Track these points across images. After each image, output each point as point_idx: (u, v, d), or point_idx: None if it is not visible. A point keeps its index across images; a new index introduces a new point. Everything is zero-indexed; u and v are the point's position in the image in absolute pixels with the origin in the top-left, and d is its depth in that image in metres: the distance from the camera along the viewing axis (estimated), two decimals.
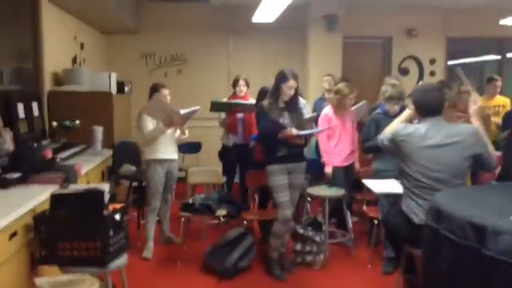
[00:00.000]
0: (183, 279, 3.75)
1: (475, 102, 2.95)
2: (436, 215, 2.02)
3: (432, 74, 7.47)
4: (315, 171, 4.62)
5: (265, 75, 3.79)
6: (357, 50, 7.39)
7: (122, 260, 2.71)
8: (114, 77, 5.18)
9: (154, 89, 4.21)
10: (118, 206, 2.76)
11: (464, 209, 1.91)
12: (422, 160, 2.68)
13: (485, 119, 4.22)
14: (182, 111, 4.00)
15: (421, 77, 7.50)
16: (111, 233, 2.58)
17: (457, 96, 4.30)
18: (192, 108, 4.05)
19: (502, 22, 6.53)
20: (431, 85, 2.99)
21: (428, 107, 2.77)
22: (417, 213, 2.62)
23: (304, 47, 7.15)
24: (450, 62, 7.61)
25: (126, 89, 5.62)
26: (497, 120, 4.88)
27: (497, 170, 3.50)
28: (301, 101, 5.16)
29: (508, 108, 5.26)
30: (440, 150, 2.65)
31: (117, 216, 2.67)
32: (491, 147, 2.71)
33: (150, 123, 4.11)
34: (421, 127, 2.77)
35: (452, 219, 1.89)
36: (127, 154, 4.75)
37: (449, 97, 4.61)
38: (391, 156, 3.46)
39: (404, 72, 7.49)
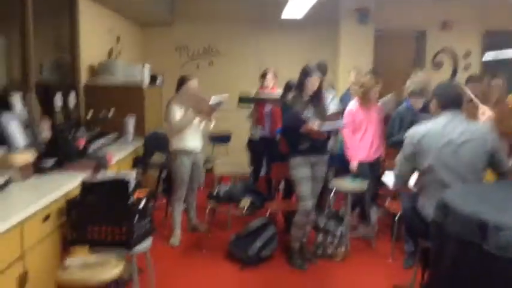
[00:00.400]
0: (207, 266, 3.91)
1: (484, 113, 2.97)
2: (443, 210, 2.06)
3: (466, 68, 7.29)
4: (341, 165, 4.66)
5: (296, 68, 3.87)
6: (389, 43, 7.31)
7: (146, 244, 2.88)
8: (147, 69, 5.37)
9: (182, 81, 4.34)
10: (143, 193, 2.92)
11: (468, 205, 1.94)
12: (440, 156, 2.69)
13: (506, 115, 4.16)
14: (213, 97, 4.13)
15: (455, 70, 7.34)
16: (135, 218, 2.75)
17: (488, 89, 4.24)
18: (222, 95, 4.18)
19: None
20: (453, 83, 3.04)
21: (449, 99, 2.79)
22: (429, 209, 2.65)
23: (335, 40, 7.14)
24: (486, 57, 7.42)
25: (158, 81, 5.81)
26: None
27: None
28: (330, 93, 5.23)
29: None
30: (457, 146, 2.67)
31: (142, 203, 2.84)
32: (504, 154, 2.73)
33: (178, 113, 4.25)
34: (439, 122, 2.77)
35: (456, 214, 1.93)
36: (157, 144, 4.93)
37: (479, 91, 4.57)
38: None
39: (438, 65, 7.36)
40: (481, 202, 2.02)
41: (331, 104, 4.99)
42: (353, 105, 4.52)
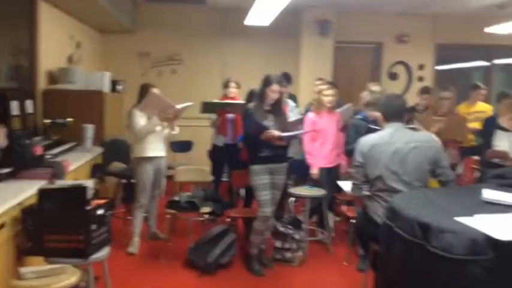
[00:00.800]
0: (165, 274, 3.90)
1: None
2: (392, 214, 2.18)
3: (420, 79, 7.63)
4: (301, 172, 4.78)
5: (258, 77, 3.96)
6: (348, 55, 7.56)
7: (103, 253, 2.86)
8: (107, 76, 5.34)
9: (145, 89, 4.33)
10: (101, 201, 2.92)
11: (414, 209, 2.07)
12: (389, 164, 2.86)
13: (459, 124, 4.40)
14: (178, 106, 4.15)
15: (409, 82, 7.66)
16: (93, 227, 2.73)
17: (437, 102, 4.48)
18: (187, 104, 4.21)
19: (487, 30, 6.69)
20: (395, 94, 3.20)
21: (393, 111, 2.99)
22: (380, 214, 2.78)
23: (297, 51, 7.31)
24: (438, 67, 7.78)
25: (119, 87, 5.77)
26: (475, 126, 5.03)
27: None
28: (291, 103, 5.35)
29: (489, 114, 5.40)
30: (404, 154, 2.85)
31: (100, 212, 2.83)
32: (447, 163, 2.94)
33: (141, 120, 4.24)
34: (385, 133, 2.98)
35: (403, 217, 2.05)
36: (117, 152, 4.90)
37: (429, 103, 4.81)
38: None
39: (393, 77, 7.65)
40: (426, 206, 2.15)
41: (292, 113, 5.12)
42: (312, 114, 4.64)
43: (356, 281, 3.70)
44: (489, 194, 2.33)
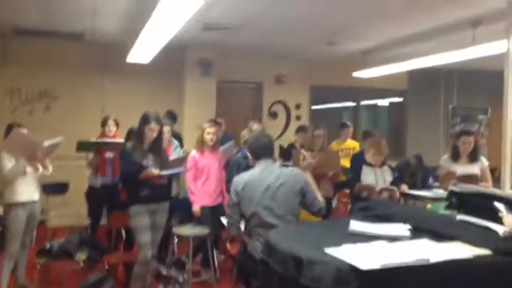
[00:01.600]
0: None
1: (304, 158, 3.38)
2: (268, 249, 2.25)
3: (298, 118, 8.12)
4: (186, 210, 4.71)
5: (140, 115, 3.88)
6: (230, 94, 7.79)
7: None
8: None
9: (10, 128, 4.04)
10: None
11: (287, 243, 2.16)
12: (262, 200, 2.97)
13: (331, 159, 4.73)
14: (46, 142, 3.88)
15: (288, 120, 8.10)
16: None
17: (311, 139, 4.78)
18: (55, 140, 3.95)
19: (355, 74, 7.42)
20: (262, 133, 3.37)
21: (260, 150, 3.16)
22: (258, 251, 2.85)
23: (181, 89, 7.35)
24: (313, 107, 8.37)
25: None
26: (345, 162, 5.45)
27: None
28: (174, 142, 5.31)
29: (357, 150, 5.93)
30: (274, 189, 2.99)
31: None
32: (318, 195, 3.13)
33: (8, 162, 3.90)
34: (255, 171, 3.12)
35: (278, 252, 2.12)
36: None
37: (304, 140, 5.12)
38: None
39: (273, 115, 8.05)
40: (299, 240, 2.25)
41: (175, 152, 5.08)
42: (194, 152, 4.66)
43: None
44: (355, 225, 2.51)
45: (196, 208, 4.52)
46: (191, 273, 4.23)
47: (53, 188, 6.06)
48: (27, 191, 4.02)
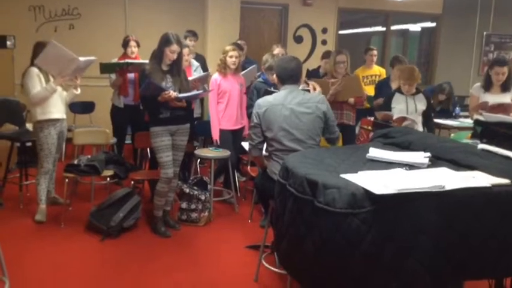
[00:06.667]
0: (65, 240, 3.77)
1: (315, 89, 3.36)
2: (285, 172, 2.29)
3: (324, 43, 7.88)
4: (208, 133, 4.78)
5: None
6: (255, 16, 7.55)
7: None
8: None
9: (40, 47, 3.95)
10: None
11: (304, 167, 2.19)
12: (284, 124, 2.98)
13: (353, 83, 4.64)
14: (81, 59, 3.88)
15: (313, 45, 7.88)
16: None
17: (333, 66, 4.67)
18: (90, 58, 3.96)
19: None
20: (291, 56, 3.26)
21: (288, 75, 3.09)
22: (277, 173, 2.90)
23: (203, 10, 7.15)
24: (340, 32, 8.08)
25: (8, 43, 5.29)
26: (370, 91, 5.33)
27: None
28: (194, 63, 5.27)
29: (383, 77, 5.77)
30: (297, 113, 2.99)
31: None
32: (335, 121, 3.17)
33: (38, 84, 3.95)
34: (280, 94, 3.09)
35: (295, 175, 2.16)
36: (8, 113, 4.53)
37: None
38: None
39: (298, 40, 7.82)
40: (316, 165, 2.28)
41: (196, 73, 5.06)
42: (217, 75, 4.63)
43: (259, 237, 3.85)
44: (374, 152, 2.51)
45: (216, 133, 4.57)
46: (213, 193, 4.38)
47: (80, 107, 6.20)
48: (57, 109, 4.10)
